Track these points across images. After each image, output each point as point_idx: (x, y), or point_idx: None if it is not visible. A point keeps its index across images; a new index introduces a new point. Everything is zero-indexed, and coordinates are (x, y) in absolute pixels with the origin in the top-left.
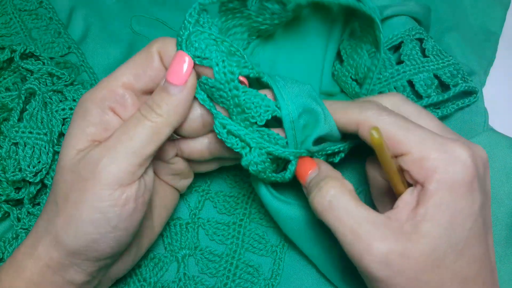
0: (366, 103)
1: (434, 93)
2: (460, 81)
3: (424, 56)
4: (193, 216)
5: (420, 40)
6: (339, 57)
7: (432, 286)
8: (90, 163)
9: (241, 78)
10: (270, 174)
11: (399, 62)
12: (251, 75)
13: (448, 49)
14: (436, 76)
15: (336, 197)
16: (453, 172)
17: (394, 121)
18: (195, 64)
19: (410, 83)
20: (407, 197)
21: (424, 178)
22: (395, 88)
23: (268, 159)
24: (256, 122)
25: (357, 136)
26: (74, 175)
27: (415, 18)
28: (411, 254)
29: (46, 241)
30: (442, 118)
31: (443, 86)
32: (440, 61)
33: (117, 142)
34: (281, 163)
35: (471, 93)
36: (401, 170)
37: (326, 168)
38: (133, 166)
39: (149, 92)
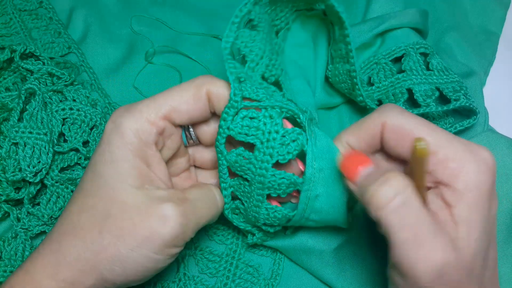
0: (385, 106)
1: (433, 104)
2: (462, 97)
3: (428, 69)
4: None
5: (425, 55)
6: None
7: None
8: (163, 218)
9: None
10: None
11: (401, 72)
12: (288, 158)
13: (448, 49)
14: (438, 90)
15: (407, 195)
16: (480, 173)
17: (418, 121)
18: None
19: (409, 93)
20: (433, 200)
21: (449, 178)
22: (393, 95)
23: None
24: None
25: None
26: (140, 218)
27: (415, 28)
28: (461, 265)
29: (74, 267)
30: None
31: (444, 101)
32: (444, 77)
33: (190, 213)
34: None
35: (470, 114)
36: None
37: (384, 166)
38: (191, 237)
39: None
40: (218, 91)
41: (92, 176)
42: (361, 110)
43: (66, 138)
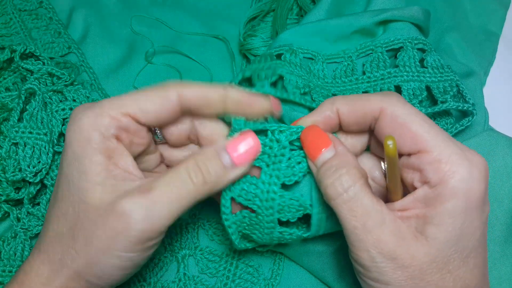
0: (388, 93)
1: (418, 105)
2: (449, 99)
3: (423, 67)
4: (193, 216)
5: (423, 51)
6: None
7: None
8: (123, 216)
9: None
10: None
11: (395, 67)
12: (294, 180)
13: (448, 49)
14: (428, 89)
15: (355, 190)
16: (470, 181)
17: (419, 116)
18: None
19: (398, 89)
20: (416, 197)
21: (439, 180)
22: (381, 89)
23: None
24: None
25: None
26: (101, 220)
27: (416, 25)
28: (417, 254)
29: (64, 274)
30: None
31: (435, 101)
32: (438, 75)
33: (156, 202)
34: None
35: (469, 113)
36: (409, 169)
37: (344, 151)
38: (166, 226)
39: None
40: (190, 89)
41: (60, 179)
42: None
43: None
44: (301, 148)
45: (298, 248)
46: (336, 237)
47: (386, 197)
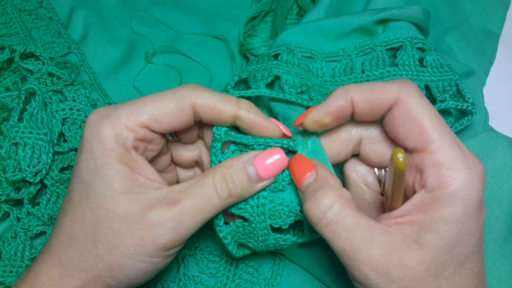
0: (405, 83)
1: None
2: (448, 98)
3: (422, 66)
4: None
5: (423, 50)
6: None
7: None
8: (152, 227)
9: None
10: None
11: (394, 66)
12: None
13: (448, 49)
14: (428, 89)
15: (333, 210)
16: (471, 188)
17: (433, 113)
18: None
19: None
20: (414, 202)
21: (438, 185)
22: None
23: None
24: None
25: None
26: (128, 228)
27: (416, 24)
28: (411, 263)
29: (81, 278)
30: None
31: (434, 100)
32: (438, 74)
33: (183, 214)
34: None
35: (468, 112)
36: (410, 170)
37: (325, 174)
38: (190, 235)
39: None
40: (203, 101)
41: (80, 185)
42: None
43: (66, 138)
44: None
45: (297, 249)
46: None
47: (383, 204)
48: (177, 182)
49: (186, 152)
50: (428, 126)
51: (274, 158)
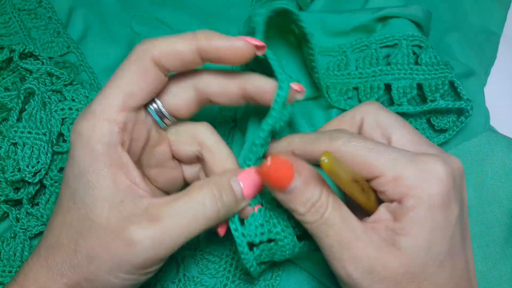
0: (336, 132)
1: (406, 104)
2: (438, 98)
3: (417, 64)
4: None
5: (420, 48)
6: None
7: None
8: (130, 244)
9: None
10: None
11: (388, 65)
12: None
13: (448, 49)
14: (419, 87)
15: (323, 211)
16: (428, 187)
17: (364, 146)
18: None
19: (389, 87)
20: (384, 212)
21: (400, 196)
22: (370, 87)
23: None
24: None
25: None
26: (107, 242)
27: (416, 22)
28: (391, 265)
29: (64, 283)
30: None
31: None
32: (432, 71)
33: (165, 233)
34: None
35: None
36: (375, 191)
37: (310, 174)
38: (170, 253)
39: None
40: (161, 50)
41: (66, 191)
42: None
43: (65, 138)
44: None
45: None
46: None
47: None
48: (184, 179)
49: (185, 146)
50: (362, 158)
51: (254, 177)
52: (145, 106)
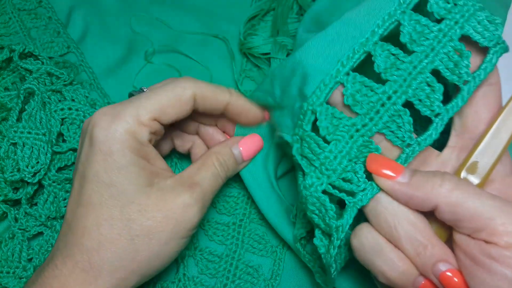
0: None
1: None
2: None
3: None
4: None
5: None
6: None
7: None
8: (186, 209)
9: None
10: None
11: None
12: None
13: None
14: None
15: (454, 184)
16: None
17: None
18: None
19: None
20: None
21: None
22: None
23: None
24: None
25: None
26: (160, 215)
27: None
28: None
29: (117, 277)
30: None
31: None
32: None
33: (206, 195)
34: None
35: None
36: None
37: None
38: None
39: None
40: (203, 92)
41: (99, 188)
42: None
43: (65, 138)
44: None
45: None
46: None
47: None
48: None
49: (183, 142)
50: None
51: (254, 141)
52: None
